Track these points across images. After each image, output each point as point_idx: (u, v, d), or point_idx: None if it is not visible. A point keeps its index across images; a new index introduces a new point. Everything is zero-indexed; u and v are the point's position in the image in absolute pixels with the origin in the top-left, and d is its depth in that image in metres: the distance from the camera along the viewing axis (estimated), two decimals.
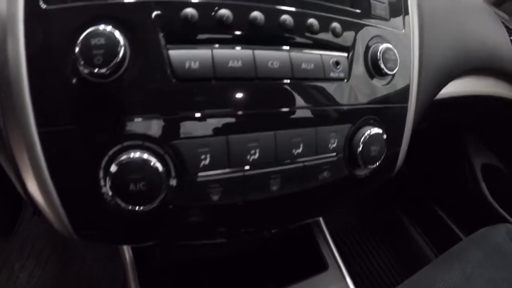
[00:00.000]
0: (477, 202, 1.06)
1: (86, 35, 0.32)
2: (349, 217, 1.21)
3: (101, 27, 0.32)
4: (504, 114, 1.00)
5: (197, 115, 0.36)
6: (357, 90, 0.46)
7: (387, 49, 0.47)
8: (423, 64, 0.56)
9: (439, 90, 0.67)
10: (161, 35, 0.35)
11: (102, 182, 0.35)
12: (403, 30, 0.52)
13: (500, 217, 1.03)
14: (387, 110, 0.50)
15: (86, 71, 0.32)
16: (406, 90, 0.52)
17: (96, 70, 0.32)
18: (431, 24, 0.59)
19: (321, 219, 0.82)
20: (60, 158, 0.34)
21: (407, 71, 0.52)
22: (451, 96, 0.72)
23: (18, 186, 0.37)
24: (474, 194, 1.06)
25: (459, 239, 1.07)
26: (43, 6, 0.32)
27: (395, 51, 0.48)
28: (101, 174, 0.35)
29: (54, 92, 0.33)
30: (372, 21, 0.48)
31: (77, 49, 0.32)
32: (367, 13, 0.48)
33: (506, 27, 0.98)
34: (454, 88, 0.73)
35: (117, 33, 0.33)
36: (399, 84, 0.50)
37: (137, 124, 0.35)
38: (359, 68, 0.46)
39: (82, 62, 0.32)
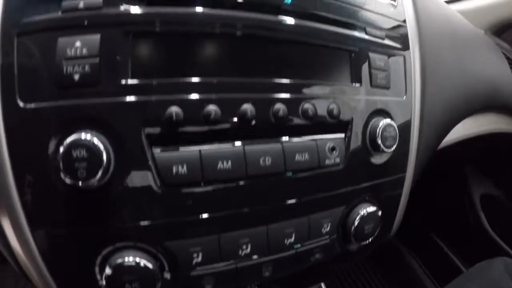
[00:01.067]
0: (476, 232, 1.06)
1: (67, 146, 0.31)
2: None
3: (82, 135, 0.32)
4: (504, 146, 0.99)
5: (187, 218, 0.36)
6: (352, 172, 0.45)
7: (387, 125, 0.45)
8: (423, 126, 0.55)
9: (439, 143, 0.66)
10: (145, 137, 0.34)
11: (98, 277, 0.35)
12: (405, 97, 0.50)
13: (499, 248, 1.03)
14: (383, 184, 0.49)
15: (70, 182, 0.32)
16: (404, 160, 0.51)
17: (80, 183, 0.31)
18: (433, 83, 0.57)
19: None
20: (56, 256, 0.34)
21: (407, 143, 0.51)
22: (450, 143, 0.72)
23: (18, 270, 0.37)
24: (473, 224, 1.06)
25: (457, 269, 1.07)
26: (21, 104, 0.32)
27: (395, 126, 0.46)
28: (96, 270, 0.35)
29: (40, 197, 0.33)
30: (372, 94, 0.46)
31: (60, 161, 0.31)
32: (367, 85, 0.46)
33: (508, 58, 0.97)
34: (453, 133, 0.72)
35: (99, 142, 0.32)
36: (397, 157, 0.49)
37: (127, 229, 0.35)
38: (356, 149, 0.45)
39: (65, 175, 0.31)
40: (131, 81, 0.33)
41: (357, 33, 0.45)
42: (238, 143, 0.37)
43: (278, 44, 0.40)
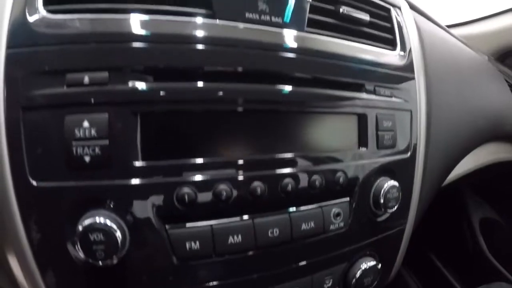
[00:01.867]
0: (475, 256, 1.07)
1: (84, 229, 0.32)
2: None
3: (97, 219, 0.32)
4: (503, 173, 1.00)
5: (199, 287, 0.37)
6: (355, 232, 0.46)
7: (391, 187, 0.46)
8: (426, 176, 0.55)
9: (441, 185, 0.67)
10: (157, 216, 0.35)
11: None
12: (409, 153, 0.51)
13: (497, 272, 1.04)
14: (384, 238, 0.50)
15: (89, 261, 0.32)
16: (405, 213, 0.52)
17: (98, 263, 0.32)
18: (437, 132, 0.58)
19: None
20: None
21: (409, 197, 0.52)
22: (450, 182, 0.72)
23: None
24: (472, 248, 1.07)
25: None
26: (32, 182, 0.32)
27: (398, 186, 0.47)
28: None
29: (58, 271, 0.34)
30: (378, 156, 0.47)
31: (77, 243, 0.32)
32: (374, 148, 0.46)
33: (510, 85, 0.97)
34: (453, 171, 0.73)
35: (113, 224, 0.32)
36: (398, 212, 0.50)
37: None
38: (359, 211, 0.46)
39: (83, 256, 0.32)
40: (141, 163, 0.34)
41: (366, 95, 0.46)
42: (247, 217, 0.38)
43: (286, 117, 0.40)
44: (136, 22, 0.34)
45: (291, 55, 0.40)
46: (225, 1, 0.37)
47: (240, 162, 0.37)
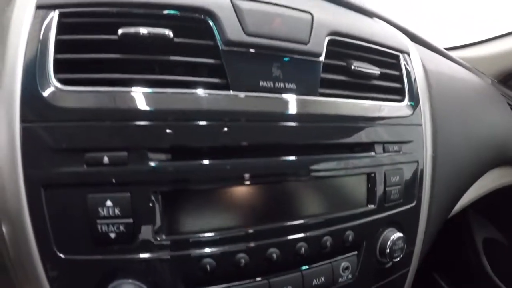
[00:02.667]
0: (478, 275, 1.08)
1: None
2: None
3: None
4: (507, 195, 1.01)
5: None
6: (362, 281, 0.48)
7: (397, 239, 0.48)
8: (430, 221, 0.57)
9: (445, 221, 0.68)
10: (181, 284, 0.37)
11: None
12: (414, 203, 0.53)
13: None
14: (389, 282, 0.52)
15: None
16: (409, 258, 0.54)
17: None
18: (441, 178, 0.59)
19: None
20: None
21: (413, 243, 0.54)
22: (454, 214, 0.74)
23: None
24: (475, 267, 1.09)
25: None
26: (59, 255, 0.33)
27: (404, 237, 0.49)
28: None
29: None
30: (385, 210, 0.48)
31: None
32: (382, 204, 0.48)
33: None
34: (458, 202, 0.74)
35: None
36: (403, 259, 0.52)
37: None
38: (366, 262, 0.48)
39: None
40: (164, 238, 0.36)
41: (376, 154, 0.47)
42: (263, 278, 0.40)
43: (300, 184, 0.42)
44: (152, 99, 0.35)
45: (306, 124, 0.41)
46: (239, 71, 0.39)
47: (257, 232, 0.39)
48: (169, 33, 0.36)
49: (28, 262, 0.33)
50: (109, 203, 0.33)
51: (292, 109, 0.41)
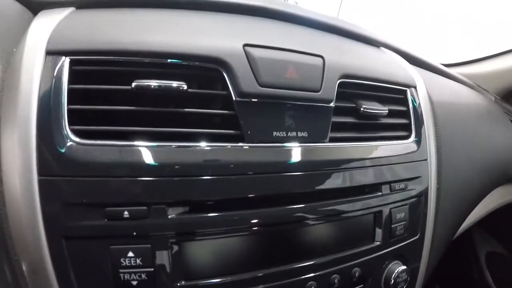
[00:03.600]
0: None
1: None
2: None
3: None
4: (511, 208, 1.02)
5: None
6: None
7: (401, 272, 0.50)
8: (433, 249, 0.58)
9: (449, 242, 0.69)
10: None
11: None
12: (419, 235, 0.54)
13: None
14: None
15: None
16: (412, 284, 0.55)
17: None
18: (447, 200, 0.60)
19: None
20: None
21: (416, 273, 0.55)
22: (459, 233, 0.75)
23: None
24: (477, 281, 1.10)
25: None
26: None
27: (408, 269, 0.50)
28: None
29: None
30: (390, 245, 0.50)
31: None
32: (387, 240, 0.49)
33: None
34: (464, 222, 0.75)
35: None
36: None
37: None
38: None
39: None
40: (183, 284, 0.37)
41: (383, 193, 0.49)
42: None
43: (311, 229, 0.43)
44: (168, 153, 0.36)
45: (316, 172, 0.42)
46: (253, 122, 0.39)
47: (269, 275, 0.41)
48: (182, 85, 0.36)
49: None
50: (130, 254, 0.35)
51: (304, 158, 0.42)
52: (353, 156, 0.46)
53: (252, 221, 0.39)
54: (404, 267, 0.50)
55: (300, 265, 0.42)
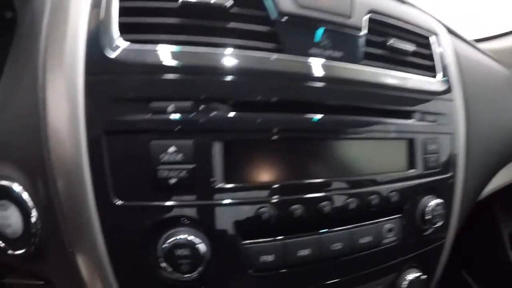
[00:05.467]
0: (504, 269, 1.06)
1: (171, 245, 0.35)
2: None
3: (183, 235, 0.35)
4: None
5: None
6: (404, 246, 0.49)
7: (436, 204, 0.50)
8: (465, 192, 0.59)
9: (475, 202, 0.68)
10: (237, 233, 0.38)
11: None
12: (450, 173, 0.55)
13: None
14: (427, 251, 0.53)
15: (172, 276, 0.35)
16: (447, 227, 0.56)
17: (182, 277, 0.35)
18: (475, 151, 0.61)
19: None
20: None
21: (450, 212, 0.55)
22: (484, 197, 0.74)
23: None
24: (501, 261, 1.07)
25: None
26: (116, 202, 0.35)
27: (443, 203, 0.51)
28: None
29: (139, 286, 0.37)
30: (424, 177, 0.51)
31: (163, 259, 0.35)
32: (421, 170, 0.50)
33: None
34: (487, 187, 0.74)
35: (199, 241, 0.35)
36: (441, 228, 0.53)
37: None
38: (408, 226, 0.49)
39: (169, 270, 0.35)
40: (224, 185, 0.37)
41: (415, 122, 0.50)
42: (315, 233, 0.42)
43: (352, 143, 0.44)
44: (216, 56, 0.37)
45: (352, 88, 0.44)
46: (290, 38, 0.41)
47: (311, 184, 0.41)
48: (226, 2, 0.38)
49: (83, 211, 0.34)
50: (172, 149, 0.35)
51: (340, 74, 0.44)
52: (385, 80, 0.47)
53: (293, 124, 0.40)
54: (440, 200, 0.50)
55: (342, 179, 0.43)
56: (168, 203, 0.35)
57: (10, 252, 0.40)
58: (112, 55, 0.34)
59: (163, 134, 0.35)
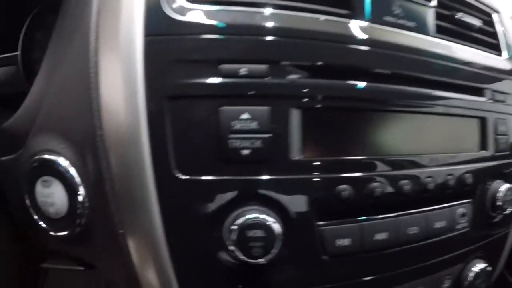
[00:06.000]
0: None
1: (241, 226, 0.31)
2: None
3: (255, 214, 0.31)
4: None
5: (344, 283, 0.37)
6: (474, 233, 0.46)
7: (508, 189, 0.47)
8: None
9: None
10: (313, 213, 0.34)
11: None
12: None
13: None
14: (493, 241, 0.51)
15: (241, 259, 0.31)
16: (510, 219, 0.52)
17: (253, 261, 0.31)
18: None
19: None
20: None
21: None
22: None
23: None
24: None
25: None
26: (178, 175, 0.31)
27: None
28: None
29: (198, 269, 0.33)
30: (495, 159, 0.48)
31: (232, 240, 0.31)
32: (492, 152, 0.48)
33: None
34: None
35: (273, 221, 0.31)
36: (509, 216, 0.50)
37: None
38: (479, 212, 0.46)
39: (239, 254, 0.31)
40: (301, 159, 0.33)
41: (486, 99, 0.47)
42: (392, 215, 0.38)
43: (428, 118, 0.42)
44: (291, 19, 0.34)
45: (428, 59, 0.41)
46: (365, 5, 0.38)
47: (391, 161, 0.38)
48: None
49: (139, 188, 0.31)
50: (245, 116, 0.31)
51: (413, 43, 0.41)
52: (457, 55, 0.44)
53: (372, 94, 0.37)
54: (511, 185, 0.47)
55: (420, 157, 0.40)
56: (239, 178, 0.32)
57: (51, 233, 0.37)
58: (176, 15, 0.31)
59: (235, 99, 0.31)
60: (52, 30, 0.37)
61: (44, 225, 0.36)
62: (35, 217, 0.36)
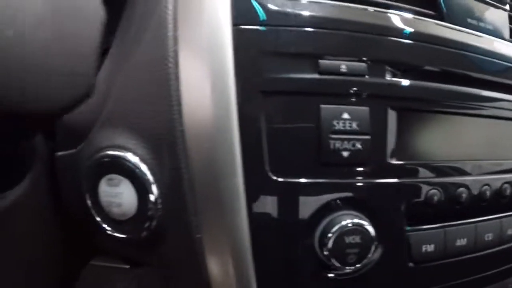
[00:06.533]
0: None
1: (339, 232, 0.29)
2: None
3: (355, 220, 0.30)
4: None
5: None
6: None
7: None
8: None
9: None
10: (405, 218, 0.33)
11: None
12: None
13: None
14: None
15: (331, 269, 0.31)
16: None
17: (347, 269, 0.30)
18: None
19: None
20: None
21: None
22: None
23: None
24: None
25: None
26: (273, 177, 0.29)
27: None
28: None
29: (282, 281, 0.32)
30: None
31: (327, 247, 0.30)
32: None
33: None
34: None
35: (369, 227, 0.30)
36: None
37: None
38: None
39: (334, 263, 0.30)
40: (399, 162, 0.33)
41: None
42: (470, 221, 0.38)
43: (501, 126, 0.41)
44: (393, 18, 0.33)
45: (506, 64, 0.41)
46: (452, 8, 0.38)
47: (478, 165, 0.38)
48: None
49: (227, 190, 0.28)
50: (345, 115, 0.30)
51: (490, 47, 0.40)
52: None
53: (468, 101, 0.37)
54: None
55: (498, 163, 0.40)
56: (337, 181, 0.30)
57: (115, 235, 0.34)
58: (272, 6, 0.29)
59: (334, 97, 0.30)
60: (120, 15, 0.34)
61: (107, 227, 0.34)
62: (98, 218, 0.34)
